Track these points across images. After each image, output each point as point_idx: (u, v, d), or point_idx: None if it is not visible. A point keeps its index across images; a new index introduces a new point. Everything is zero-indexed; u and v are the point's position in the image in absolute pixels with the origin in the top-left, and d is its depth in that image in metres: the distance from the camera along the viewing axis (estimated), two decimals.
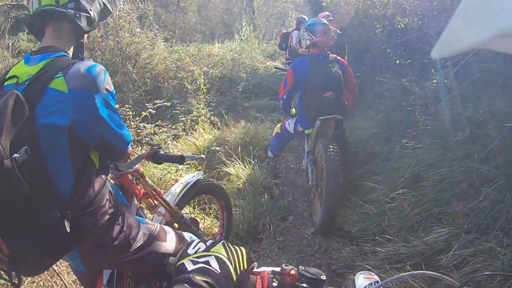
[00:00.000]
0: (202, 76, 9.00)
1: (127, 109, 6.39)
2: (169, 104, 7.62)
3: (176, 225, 3.09)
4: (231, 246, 1.37)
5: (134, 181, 2.73)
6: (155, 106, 6.67)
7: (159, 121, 6.67)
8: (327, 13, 7.74)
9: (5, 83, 1.85)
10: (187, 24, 18.98)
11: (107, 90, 1.88)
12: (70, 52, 2.06)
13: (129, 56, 10.31)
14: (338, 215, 4.31)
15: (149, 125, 6.41)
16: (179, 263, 1.27)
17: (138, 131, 6.18)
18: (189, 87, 8.86)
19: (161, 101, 7.04)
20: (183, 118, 7.20)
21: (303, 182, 5.48)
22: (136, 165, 2.64)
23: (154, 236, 2.29)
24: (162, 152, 2.62)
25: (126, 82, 9.81)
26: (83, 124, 1.80)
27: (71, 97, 1.76)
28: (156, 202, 2.96)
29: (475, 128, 3.75)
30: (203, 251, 1.32)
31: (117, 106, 6.03)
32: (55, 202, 1.75)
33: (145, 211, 3.91)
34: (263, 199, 4.96)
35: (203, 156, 3.11)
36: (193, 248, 1.35)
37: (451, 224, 3.30)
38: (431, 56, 0.62)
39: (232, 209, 4.05)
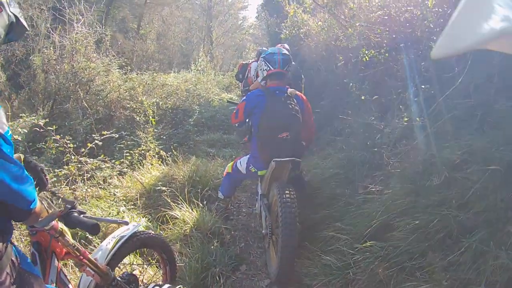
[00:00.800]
0: (152, 108, 8.54)
1: (68, 141, 5.82)
2: (117, 136, 7.09)
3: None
4: None
5: (53, 238, 2.23)
6: (101, 138, 6.13)
7: (102, 155, 6.12)
8: (285, 45, 7.47)
9: None
10: (145, 52, 18.75)
11: None
12: None
13: (82, 82, 9.83)
14: (296, 266, 3.87)
15: (91, 159, 5.87)
16: None
17: (79, 165, 5.66)
18: (137, 118, 8.38)
19: (109, 132, 6.48)
20: (129, 153, 6.66)
21: (256, 226, 5.06)
22: (53, 222, 2.13)
23: None
24: (75, 214, 2.11)
25: (77, 109, 9.30)
26: None
27: None
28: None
29: (452, 171, 3.38)
30: None
31: (58, 136, 5.60)
32: None
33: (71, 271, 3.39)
34: (212, 247, 4.43)
35: (127, 220, 2.60)
36: None
37: (428, 280, 2.89)
38: (431, 57, 0.59)
39: (176, 262, 3.55)
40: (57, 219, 2.14)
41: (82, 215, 2.13)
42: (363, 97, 5.17)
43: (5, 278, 1.56)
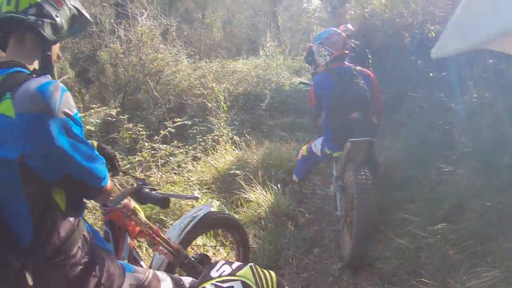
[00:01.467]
0: (223, 93, 8.68)
1: (140, 129, 6.15)
2: (190, 122, 7.34)
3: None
4: (259, 270, 1.24)
5: (126, 217, 2.35)
6: (174, 125, 6.41)
7: (175, 141, 6.35)
8: (348, 25, 7.37)
9: None
10: (213, 40, 18.87)
11: (66, 114, 1.51)
12: (33, 67, 1.69)
13: (151, 73, 10.11)
14: (369, 249, 3.86)
15: (165, 146, 6.12)
16: (200, 287, 1.20)
17: (153, 152, 5.91)
18: (209, 105, 8.55)
19: (181, 120, 6.78)
20: (201, 138, 6.83)
21: (331, 208, 5.05)
22: (125, 201, 2.25)
23: (143, 287, 1.95)
24: (146, 190, 2.19)
25: (148, 99, 9.63)
26: (36, 157, 1.46)
27: (19, 124, 1.42)
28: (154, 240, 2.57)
29: None
30: (228, 274, 1.22)
31: (131, 125, 5.89)
32: (13, 251, 1.44)
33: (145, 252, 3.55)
34: (286, 229, 4.52)
35: (198, 195, 2.71)
36: (216, 271, 1.26)
37: (499, 266, 2.81)
38: (431, 56, 0.67)
39: (249, 243, 3.66)
40: (129, 198, 2.25)
41: (153, 192, 2.21)
42: (431, 74, 5.06)
43: (77, 251, 1.67)
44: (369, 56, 6.74)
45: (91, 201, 3.32)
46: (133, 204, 2.35)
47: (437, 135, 4.86)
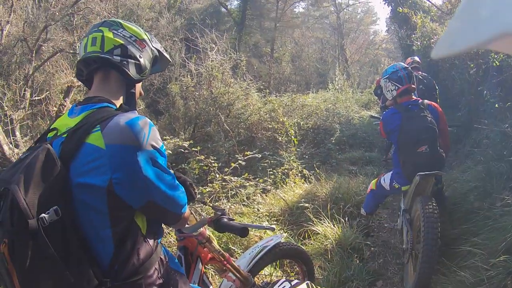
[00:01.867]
0: (293, 127, 8.81)
1: (212, 161, 6.32)
2: (260, 155, 7.42)
3: None
4: (315, 287, 1.30)
5: (200, 244, 2.51)
6: (245, 158, 6.58)
7: (246, 174, 6.48)
8: (415, 57, 7.38)
9: (47, 136, 1.72)
10: (282, 74, 19.09)
11: (153, 146, 1.63)
12: (118, 102, 1.85)
13: (222, 106, 10.31)
14: (431, 283, 3.84)
15: (236, 178, 6.28)
16: None
17: (224, 183, 6.08)
18: (279, 139, 8.69)
19: (252, 153, 6.88)
20: (272, 171, 6.96)
21: (396, 241, 5.07)
22: (201, 229, 2.41)
23: None
24: (225, 219, 2.34)
25: (218, 132, 9.84)
26: (124, 185, 1.58)
27: (109, 154, 1.56)
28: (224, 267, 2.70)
29: None
30: None
31: (202, 157, 6.15)
32: (92, 269, 1.56)
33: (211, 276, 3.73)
34: (351, 262, 4.56)
35: (273, 226, 2.84)
36: (278, 287, 1.31)
37: None
38: (431, 56, 0.61)
39: (315, 274, 3.74)
40: (205, 226, 2.40)
41: (231, 221, 2.34)
42: (496, 105, 5.00)
43: (153, 272, 1.78)
44: (437, 87, 6.74)
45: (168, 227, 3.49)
46: (208, 232, 2.50)
47: (503, 166, 4.78)
